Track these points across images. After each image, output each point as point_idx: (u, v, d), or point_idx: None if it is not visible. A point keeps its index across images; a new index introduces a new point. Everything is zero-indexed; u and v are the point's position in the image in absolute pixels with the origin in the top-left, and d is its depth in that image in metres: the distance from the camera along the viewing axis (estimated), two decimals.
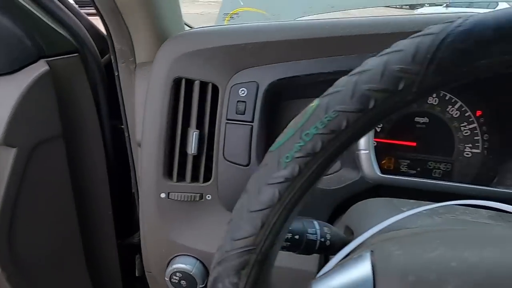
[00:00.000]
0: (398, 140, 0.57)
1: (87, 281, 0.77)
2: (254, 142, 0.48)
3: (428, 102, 0.56)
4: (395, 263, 0.25)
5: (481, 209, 0.40)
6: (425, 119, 0.57)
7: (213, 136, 0.51)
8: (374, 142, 0.57)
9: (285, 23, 0.48)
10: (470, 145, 0.56)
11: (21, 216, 0.60)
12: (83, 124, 0.69)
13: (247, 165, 0.48)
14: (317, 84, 0.53)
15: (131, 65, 0.59)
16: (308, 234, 0.34)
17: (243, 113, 0.47)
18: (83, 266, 0.75)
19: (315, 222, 0.35)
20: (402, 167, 0.57)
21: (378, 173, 0.46)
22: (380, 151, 0.58)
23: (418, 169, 0.57)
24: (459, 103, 0.56)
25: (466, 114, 0.56)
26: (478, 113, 0.55)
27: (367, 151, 0.46)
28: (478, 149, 0.56)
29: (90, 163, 0.73)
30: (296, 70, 0.47)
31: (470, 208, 0.40)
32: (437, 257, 0.24)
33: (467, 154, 0.56)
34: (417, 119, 0.57)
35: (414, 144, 0.56)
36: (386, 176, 0.47)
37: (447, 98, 0.56)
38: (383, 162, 0.58)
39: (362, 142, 0.46)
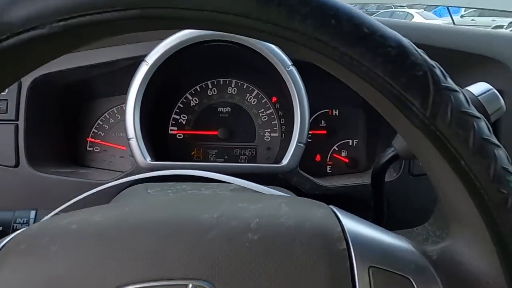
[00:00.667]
0: (204, 130, 0.59)
1: None
2: (21, 142, 0.46)
3: (228, 92, 0.59)
4: (20, 236, 0.24)
5: (231, 184, 0.41)
6: (228, 109, 0.59)
7: None
8: (176, 133, 0.59)
9: None
10: (269, 130, 0.59)
11: None
12: None
13: (16, 166, 0.46)
14: (118, 81, 0.53)
15: None
16: (16, 224, 0.33)
17: (6, 112, 0.45)
18: None
19: (32, 211, 0.34)
20: (211, 156, 0.59)
21: (149, 160, 0.46)
22: (187, 142, 0.59)
23: (226, 156, 0.59)
24: (256, 91, 0.59)
25: (263, 101, 0.59)
26: (274, 99, 0.59)
27: (134, 138, 0.46)
28: (276, 133, 0.59)
29: None
30: (61, 65, 0.46)
31: (222, 184, 0.42)
32: (65, 223, 0.25)
33: (267, 138, 0.59)
34: (220, 109, 0.59)
35: (216, 133, 0.58)
36: (157, 162, 0.47)
37: (244, 87, 0.59)
38: (192, 153, 0.59)
39: (130, 130, 0.46)
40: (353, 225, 0.25)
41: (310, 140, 0.60)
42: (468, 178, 0.21)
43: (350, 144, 0.60)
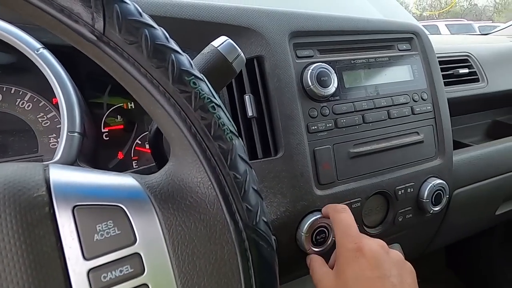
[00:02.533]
0: None
1: None
2: None
3: None
4: None
5: None
6: None
7: None
8: None
9: None
10: (54, 135, 0.52)
11: None
12: None
13: None
14: None
15: None
16: None
17: None
18: None
19: None
20: None
21: None
22: None
23: None
24: (29, 94, 0.51)
25: (41, 104, 0.52)
26: (55, 100, 0.53)
27: None
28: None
29: None
30: None
31: None
32: None
33: (53, 145, 0.52)
34: None
35: None
36: None
37: (13, 91, 0.51)
38: None
39: None
40: (61, 173, 0.22)
41: (107, 138, 0.56)
42: (153, 84, 0.21)
43: None
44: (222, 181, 0.21)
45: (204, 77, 0.23)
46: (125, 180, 0.22)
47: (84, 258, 0.19)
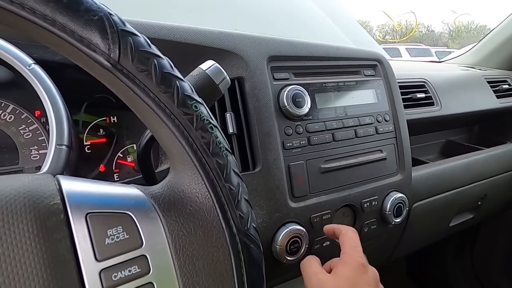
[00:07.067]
0: None
1: None
2: None
3: None
4: None
5: None
6: None
7: None
8: None
9: None
10: (36, 147, 0.53)
11: None
12: None
13: None
14: None
15: None
16: None
17: None
18: None
19: None
20: None
21: None
22: None
23: None
24: (11, 106, 0.52)
25: (23, 117, 0.52)
26: (38, 113, 0.53)
27: None
28: (46, 149, 0.53)
29: None
30: None
31: None
32: None
33: (35, 157, 0.52)
34: None
35: None
36: None
37: None
38: None
39: None
40: (73, 183, 0.24)
41: (89, 151, 0.57)
42: (160, 107, 0.24)
43: (135, 148, 0.60)
44: (219, 192, 0.24)
45: (203, 101, 0.26)
46: (131, 191, 0.25)
47: (97, 259, 0.21)
